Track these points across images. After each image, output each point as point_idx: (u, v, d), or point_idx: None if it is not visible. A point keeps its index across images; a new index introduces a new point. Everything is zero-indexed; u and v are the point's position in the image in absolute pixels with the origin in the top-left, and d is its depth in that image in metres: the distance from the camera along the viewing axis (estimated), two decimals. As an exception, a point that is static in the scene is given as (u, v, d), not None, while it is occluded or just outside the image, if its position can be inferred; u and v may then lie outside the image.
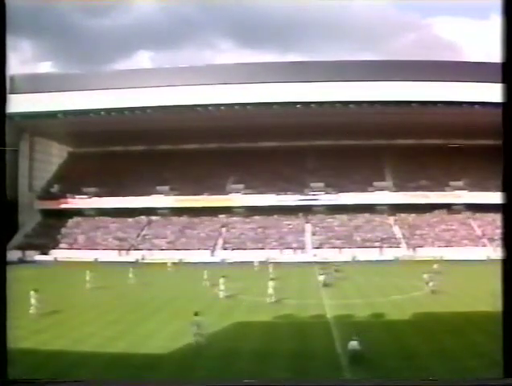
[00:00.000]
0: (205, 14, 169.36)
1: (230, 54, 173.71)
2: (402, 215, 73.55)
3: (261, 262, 54.90)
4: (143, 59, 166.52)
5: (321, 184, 76.65)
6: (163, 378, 17.61)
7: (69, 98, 64.01)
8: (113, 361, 19.59)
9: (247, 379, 16.97)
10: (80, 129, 74.81)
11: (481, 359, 18.34)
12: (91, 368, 18.74)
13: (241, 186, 78.06)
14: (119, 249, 67.85)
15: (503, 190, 6.21)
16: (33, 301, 28.67)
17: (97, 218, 77.23)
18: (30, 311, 28.19)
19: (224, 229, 73.18)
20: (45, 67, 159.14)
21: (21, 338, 21.84)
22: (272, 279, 34.82)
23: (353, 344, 19.09)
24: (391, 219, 73.40)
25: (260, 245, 67.60)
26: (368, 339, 19.94)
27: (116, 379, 16.89)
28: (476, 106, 60.63)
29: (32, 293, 28.90)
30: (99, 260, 61.40)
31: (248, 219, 74.95)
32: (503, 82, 6.10)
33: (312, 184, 77.14)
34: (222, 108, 65.39)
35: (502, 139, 6.22)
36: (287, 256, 63.19)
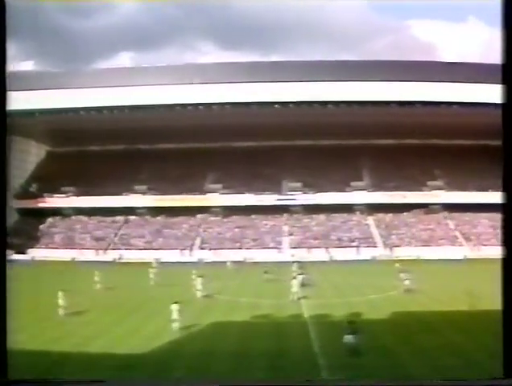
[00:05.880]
0: (187, 15, 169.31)
1: (210, 55, 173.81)
2: (380, 214, 73.92)
3: (237, 262, 55.19)
4: (125, 60, 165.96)
5: (299, 184, 76.77)
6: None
7: (47, 97, 63.24)
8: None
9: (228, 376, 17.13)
10: (58, 127, 74.15)
11: (456, 358, 18.60)
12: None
13: (219, 185, 77.82)
14: (97, 249, 67.36)
15: (503, 190, 6.38)
16: (61, 301, 28.28)
17: (74, 217, 76.57)
18: (59, 313, 28.03)
19: (201, 229, 73.03)
20: (24, 65, 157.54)
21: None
22: (294, 278, 35.50)
23: (349, 338, 19.61)
24: (368, 219, 73.81)
25: (237, 245, 67.56)
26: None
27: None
28: (454, 106, 61.29)
29: (60, 293, 28.50)
30: (76, 259, 60.97)
31: (226, 219, 74.85)
32: (503, 83, 6.28)
33: (290, 184, 77.27)
34: (201, 107, 65.24)
35: (502, 139, 6.41)
36: (264, 255, 62.99)
